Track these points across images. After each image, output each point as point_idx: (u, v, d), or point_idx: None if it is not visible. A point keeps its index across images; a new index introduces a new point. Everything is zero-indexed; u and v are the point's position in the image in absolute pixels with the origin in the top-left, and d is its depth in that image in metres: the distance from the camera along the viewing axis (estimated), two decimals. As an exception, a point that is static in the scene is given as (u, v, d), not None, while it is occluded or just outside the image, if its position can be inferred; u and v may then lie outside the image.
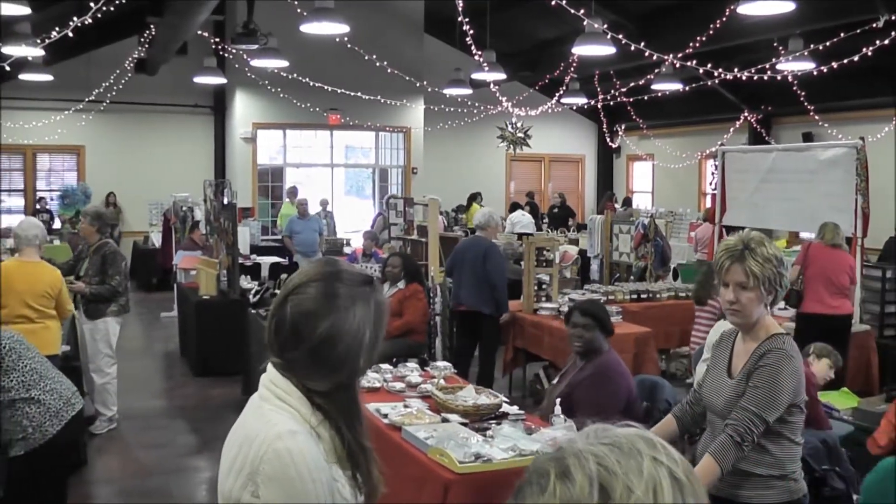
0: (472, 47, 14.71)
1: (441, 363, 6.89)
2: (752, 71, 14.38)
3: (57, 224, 20.39)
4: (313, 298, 2.24)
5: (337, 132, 21.90)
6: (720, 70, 14.46)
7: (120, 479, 7.82)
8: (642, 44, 12.68)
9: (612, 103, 20.14)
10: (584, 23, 11.64)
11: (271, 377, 2.32)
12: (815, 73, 13.80)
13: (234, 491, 2.24)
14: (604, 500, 1.19)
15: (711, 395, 3.88)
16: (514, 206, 19.76)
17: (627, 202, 21.54)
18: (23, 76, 16.12)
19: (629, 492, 1.19)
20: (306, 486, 2.14)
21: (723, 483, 3.66)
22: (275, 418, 2.23)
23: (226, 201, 11.92)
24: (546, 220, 20.09)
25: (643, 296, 10.64)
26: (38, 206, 20.95)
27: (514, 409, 5.60)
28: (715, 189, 13.41)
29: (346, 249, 16.36)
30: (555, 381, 6.50)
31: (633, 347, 8.74)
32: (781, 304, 9.93)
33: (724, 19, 12.88)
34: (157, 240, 18.91)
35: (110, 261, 8.58)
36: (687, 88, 17.65)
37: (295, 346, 2.26)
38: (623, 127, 23.57)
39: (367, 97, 19.31)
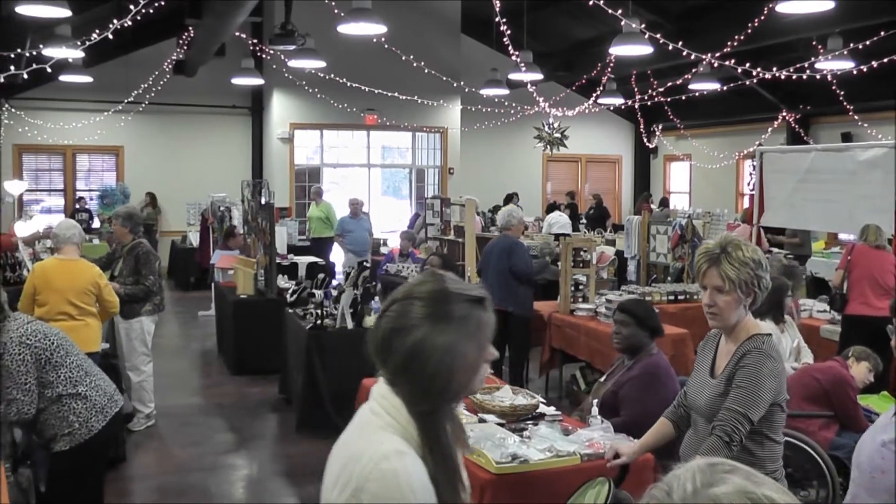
0: (509, 47, 14.69)
1: (477, 363, 6.87)
2: (791, 70, 14.26)
3: (96, 223, 20.58)
4: (406, 312, 2.21)
5: (374, 132, 21.93)
6: (758, 69, 14.34)
7: (157, 475, 7.88)
8: (680, 43, 12.62)
9: (649, 103, 20.04)
10: (622, 23, 11.60)
11: (381, 391, 2.27)
12: (854, 72, 13.68)
13: None
14: None
15: (694, 395, 3.93)
16: (551, 207, 19.70)
17: (664, 203, 21.36)
18: (63, 77, 16.28)
19: None
20: None
21: None
22: (382, 436, 2.18)
23: (263, 201, 11.97)
24: (584, 221, 20.01)
25: (680, 297, 10.56)
26: (77, 206, 21.15)
27: (551, 410, 5.58)
28: (753, 190, 13.31)
29: (383, 249, 16.40)
30: (602, 379, 6.49)
31: (670, 349, 8.66)
32: (824, 307, 9.86)
33: (763, 18, 12.81)
34: (194, 239, 19.03)
35: (143, 261, 8.63)
36: (725, 88, 17.54)
37: (386, 360, 2.23)
38: (660, 127, 23.47)
39: (403, 97, 19.34)
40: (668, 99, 19.02)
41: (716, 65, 14.04)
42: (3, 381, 4.66)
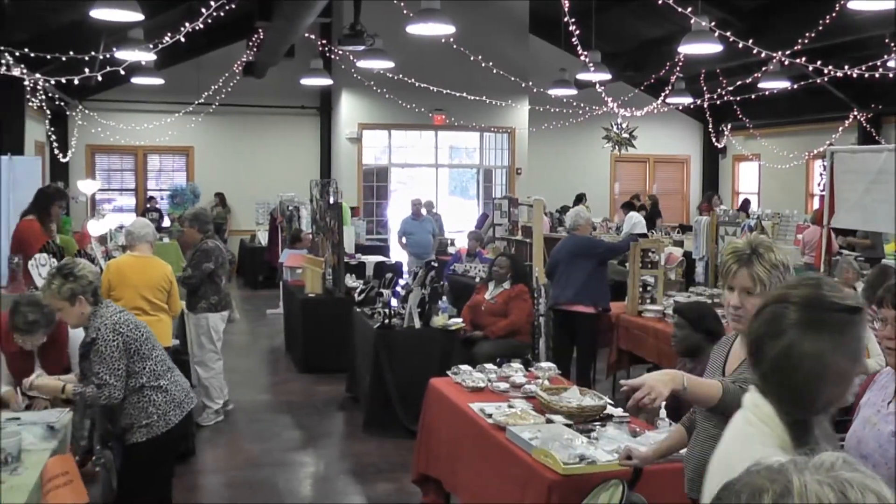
0: (578, 48, 14.63)
1: (545, 364, 6.87)
2: (863, 68, 14.02)
3: (166, 223, 20.87)
4: (779, 316, 2.16)
5: (442, 132, 21.98)
6: (829, 67, 14.11)
7: (227, 470, 7.99)
8: (750, 41, 12.46)
9: (718, 102, 19.80)
10: (691, 21, 11.50)
11: (754, 399, 2.22)
12: (928, 70, 13.43)
13: None
14: None
15: None
16: (627, 206, 19.45)
17: (745, 205, 20.54)
18: (135, 80, 16.53)
19: None
20: None
21: (698, 485, 3.59)
22: (760, 450, 2.06)
23: (332, 201, 12.05)
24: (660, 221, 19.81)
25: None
26: (148, 206, 21.50)
27: (619, 412, 5.56)
28: (823, 190, 13.08)
29: (451, 249, 16.42)
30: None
31: (737, 351, 8.58)
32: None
33: (834, 15, 12.60)
34: (263, 238, 19.23)
35: (198, 257, 8.93)
36: (795, 86, 17.29)
37: (757, 364, 2.20)
38: (729, 126, 23.19)
39: (472, 98, 19.34)
40: (738, 98, 18.78)
41: (786, 63, 13.82)
42: (96, 364, 4.77)
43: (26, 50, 11.69)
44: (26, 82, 13.56)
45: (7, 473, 4.35)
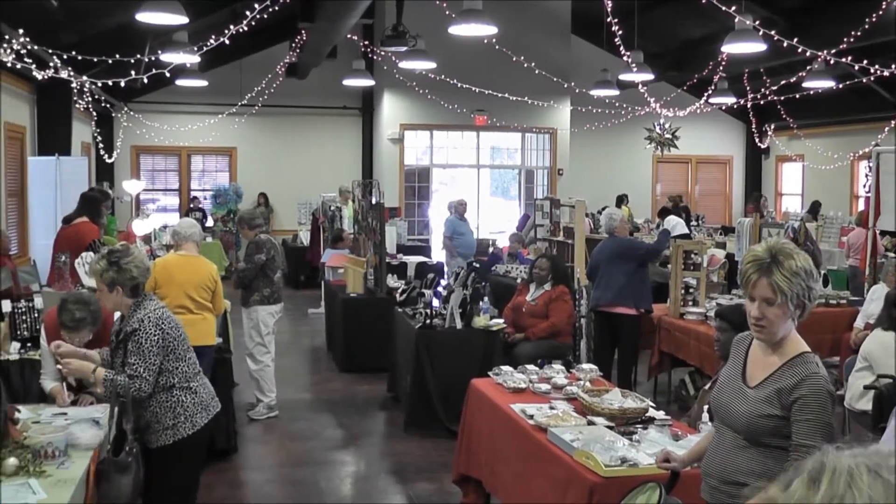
0: (620, 48, 14.59)
1: (587, 365, 6.87)
2: (910, 68, 13.88)
3: (210, 222, 21.06)
4: None
5: (483, 133, 22.00)
6: (875, 66, 13.96)
7: (269, 467, 8.06)
8: (795, 40, 12.36)
9: (761, 102, 19.65)
10: (735, 20, 11.43)
11: None
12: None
13: None
14: None
15: (724, 400, 3.67)
16: (664, 212, 19.26)
17: (815, 208, 19.75)
18: (180, 82, 16.68)
19: None
20: None
21: (720, 493, 3.56)
22: None
23: (374, 201, 12.11)
24: (698, 222, 19.65)
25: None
26: (191, 205, 21.68)
27: (661, 415, 5.55)
28: (868, 192, 12.97)
29: (491, 250, 16.41)
30: (706, 387, 6.42)
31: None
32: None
33: (880, 13, 12.47)
34: (305, 238, 19.34)
35: (251, 249, 9.18)
36: (840, 86, 17.10)
37: None
38: (772, 127, 22.98)
39: (513, 98, 19.33)
40: (781, 98, 18.62)
41: (831, 62, 13.68)
42: (132, 355, 4.75)
43: (74, 53, 11.83)
44: (74, 84, 13.74)
45: (55, 467, 4.43)
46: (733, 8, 11.36)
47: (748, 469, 3.50)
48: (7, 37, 10.17)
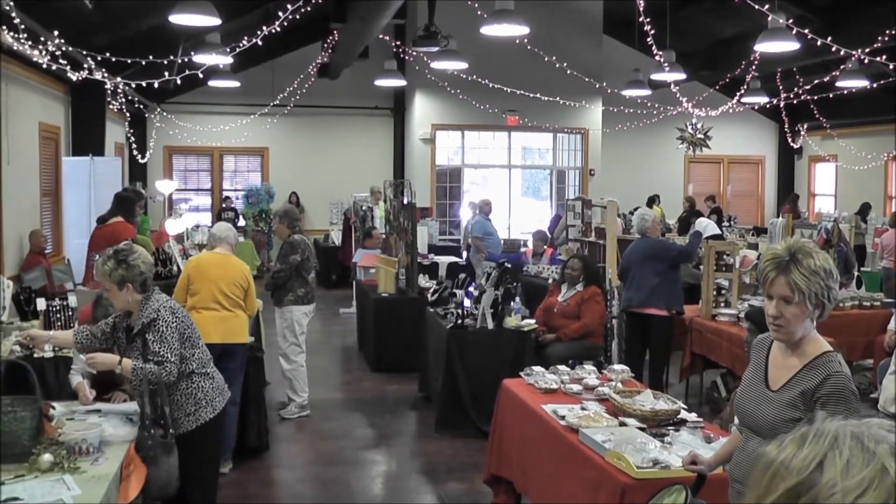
0: (653, 47, 14.53)
1: (618, 366, 6.86)
2: (946, 68, 13.74)
3: (241, 222, 21.16)
4: None
5: (515, 133, 21.97)
6: (911, 66, 13.85)
7: (300, 466, 8.10)
8: (828, 39, 12.27)
9: (794, 102, 19.50)
10: (768, 18, 11.36)
11: None
12: None
13: None
14: (815, 477, 1.28)
15: (750, 407, 3.63)
16: (696, 213, 19.09)
17: (864, 210, 19.43)
18: (212, 82, 16.78)
19: (842, 478, 1.27)
20: None
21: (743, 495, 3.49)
22: None
23: (405, 201, 12.13)
24: (730, 223, 19.51)
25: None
26: (223, 205, 21.79)
27: (693, 417, 5.53)
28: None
29: (523, 250, 16.38)
30: (738, 390, 6.39)
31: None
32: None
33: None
34: (337, 238, 19.40)
35: (285, 249, 9.22)
36: (874, 85, 16.96)
37: None
38: (805, 126, 22.79)
39: (545, 98, 19.29)
40: (815, 97, 18.48)
41: (865, 61, 13.58)
42: (155, 343, 4.85)
43: (108, 54, 11.93)
44: (107, 86, 13.85)
45: (89, 463, 4.48)
46: (766, 6, 11.28)
47: None
48: (42, 38, 10.26)
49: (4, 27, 9.05)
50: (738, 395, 3.79)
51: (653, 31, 13.91)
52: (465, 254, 16.99)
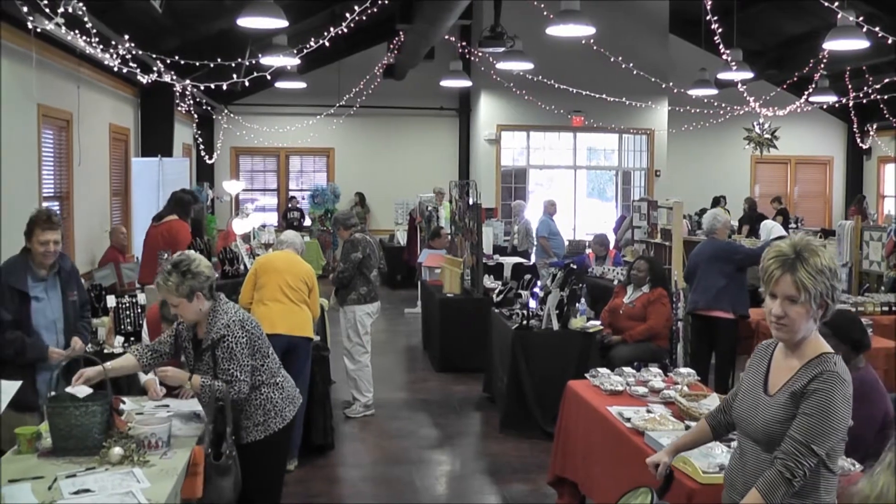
0: (720, 46, 14.41)
1: (684, 369, 6.81)
2: None
3: (307, 222, 21.34)
4: None
5: (580, 134, 21.89)
6: (984, 65, 13.58)
7: (365, 464, 8.16)
8: (900, 37, 12.07)
9: (863, 101, 19.20)
10: (838, 16, 11.20)
11: None
12: None
13: None
14: None
15: (745, 413, 3.56)
16: (760, 216, 18.83)
17: None
18: (279, 84, 16.97)
19: None
20: None
21: None
22: None
23: (471, 202, 12.15)
24: (797, 225, 19.26)
25: (895, 308, 10.11)
26: (289, 205, 22.00)
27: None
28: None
29: (587, 251, 16.31)
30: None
31: (883, 363, 8.29)
32: None
33: None
34: (402, 238, 19.47)
35: (347, 248, 9.35)
36: (946, 84, 16.68)
37: None
38: (874, 126, 22.40)
39: (610, 99, 19.20)
40: (885, 96, 18.17)
41: (937, 60, 13.37)
42: (225, 361, 4.84)
43: (176, 57, 12.10)
44: (176, 88, 14.05)
45: (158, 457, 4.57)
46: (836, 4, 11.13)
47: None
48: (114, 42, 10.44)
49: (77, 32, 9.23)
50: (736, 402, 3.73)
51: (720, 30, 13.79)
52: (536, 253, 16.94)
